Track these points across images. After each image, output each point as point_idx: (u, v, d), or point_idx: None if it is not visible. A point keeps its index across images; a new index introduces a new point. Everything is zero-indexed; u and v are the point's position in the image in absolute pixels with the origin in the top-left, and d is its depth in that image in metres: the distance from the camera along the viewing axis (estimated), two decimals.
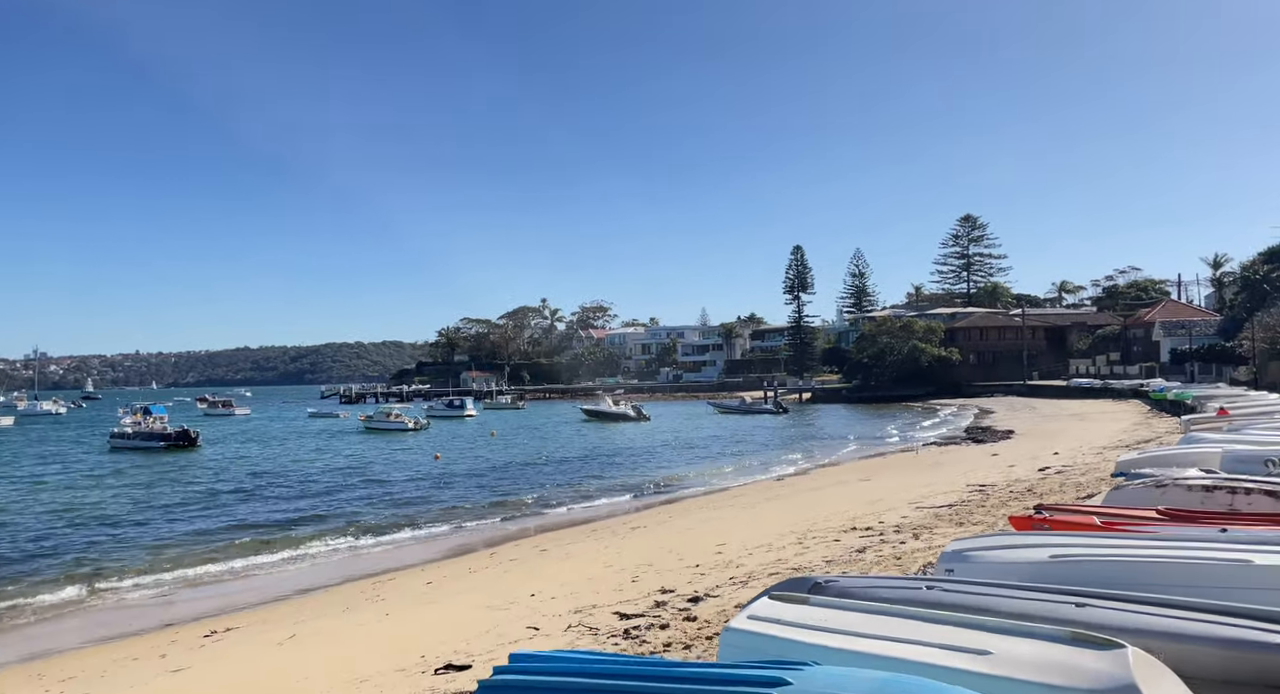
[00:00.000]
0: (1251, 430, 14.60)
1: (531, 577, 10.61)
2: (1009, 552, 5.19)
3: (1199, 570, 4.60)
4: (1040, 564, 4.96)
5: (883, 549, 9.77)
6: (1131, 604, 4.15)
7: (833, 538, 11.32)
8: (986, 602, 4.36)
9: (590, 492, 21.83)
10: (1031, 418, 48.43)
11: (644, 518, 16.68)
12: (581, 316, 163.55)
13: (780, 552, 10.69)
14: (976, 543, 5.47)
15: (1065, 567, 4.89)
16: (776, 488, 21.67)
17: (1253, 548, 4.84)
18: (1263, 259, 60.55)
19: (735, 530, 13.32)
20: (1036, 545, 5.22)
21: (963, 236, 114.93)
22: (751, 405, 72.58)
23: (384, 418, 58.81)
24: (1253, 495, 7.80)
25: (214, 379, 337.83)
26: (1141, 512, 7.55)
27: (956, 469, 22.24)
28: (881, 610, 3.90)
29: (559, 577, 10.39)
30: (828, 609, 3.92)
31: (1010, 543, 5.33)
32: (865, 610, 3.90)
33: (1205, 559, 4.67)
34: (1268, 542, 4.96)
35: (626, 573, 10.15)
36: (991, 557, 5.16)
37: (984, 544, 5.39)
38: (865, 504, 16.02)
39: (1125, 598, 4.22)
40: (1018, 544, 5.29)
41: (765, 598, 4.10)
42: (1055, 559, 4.96)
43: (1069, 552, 5.01)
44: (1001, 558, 5.12)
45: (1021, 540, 5.35)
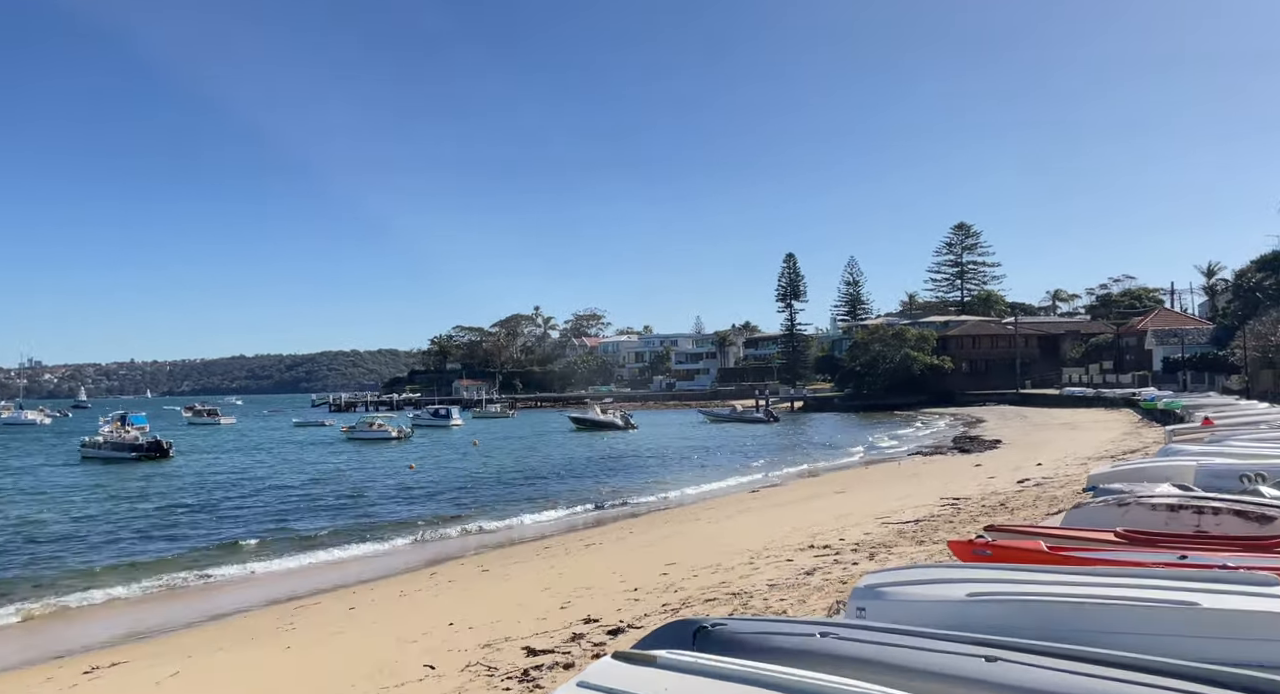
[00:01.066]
0: (1233, 442, 13.94)
1: (461, 601, 9.90)
2: (928, 588, 4.50)
3: (1137, 615, 3.92)
4: (958, 604, 4.28)
5: (832, 572, 9.08)
6: (1051, 659, 3.47)
7: (786, 557, 10.63)
8: (885, 653, 3.67)
9: (556, 504, 21.09)
10: (1021, 427, 47.78)
11: (602, 533, 15.97)
12: (575, 324, 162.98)
13: (728, 573, 10.00)
14: (895, 576, 4.79)
15: (985, 608, 4.20)
16: (748, 500, 20.96)
17: (1205, 586, 4.17)
18: (1256, 267, 60.11)
19: (690, 548, 12.62)
20: (957, 581, 4.53)
21: (956, 245, 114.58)
22: (742, 414, 71.86)
23: (366, 428, 58.03)
24: (1221, 516, 7.13)
25: (209, 387, 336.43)
26: (1098, 534, 6.87)
27: (935, 481, 21.55)
28: (749, 676, 3.21)
29: (490, 601, 9.69)
30: (679, 675, 3.23)
31: (930, 577, 4.65)
32: (727, 675, 3.21)
33: (1146, 601, 3.99)
34: (1223, 580, 4.27)
35: (560, 597, 9.45)
36: (908, 593, 4.48)
37: (902, 578, 4.70)
38: (833, 518, 15.33)
39: (1045, 650, 3.54)
40: (938, 579, 4.60)
41: (608, 660, 3.41)
42: (974, 598, 4.28)
43: (992, 589, 4.33)
44: (918, 595, 4.44)
45: (942, 574, 4.67)
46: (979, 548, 6.15)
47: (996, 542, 6.17)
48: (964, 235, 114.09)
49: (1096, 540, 6.78)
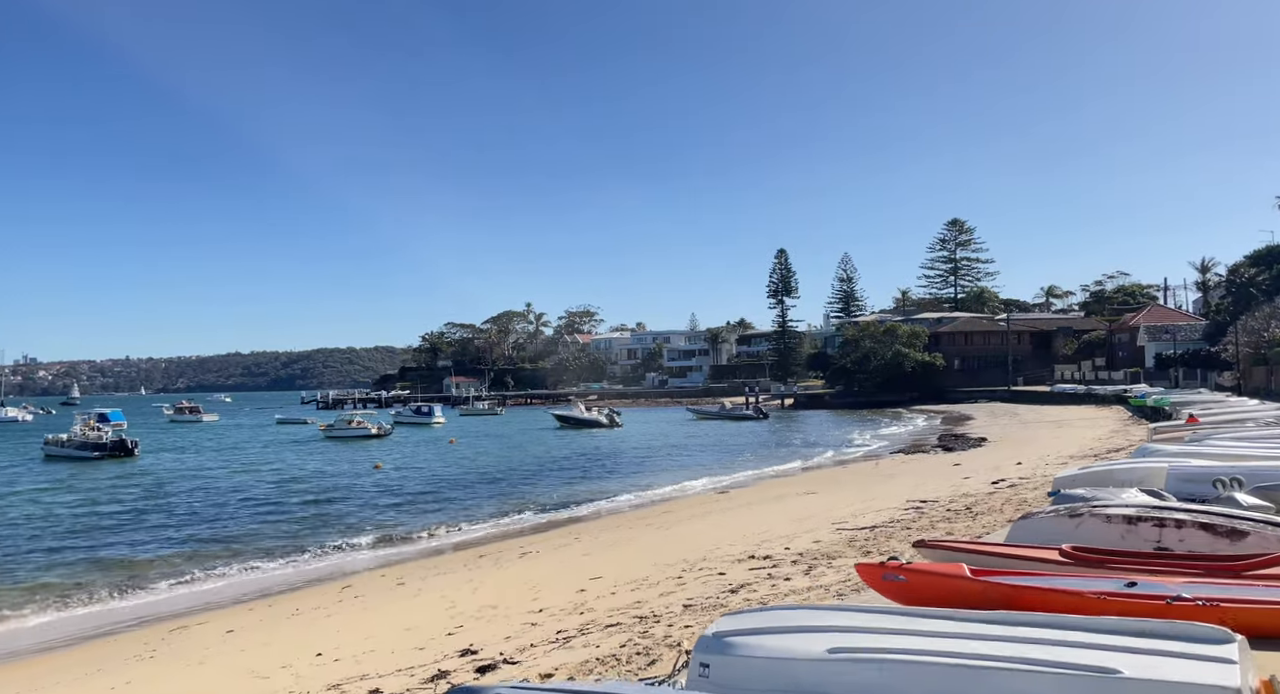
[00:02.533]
0: (1214, 441, 12.97)
1: (351, 623, 8.91)
2: (785, 639, 3.50)
3: (1034, 686, 2.92)
4: (816, 664, 3.28)
5: (759, 589, 8.09)
6: None
7: (720, 570, 9.63)
8: None
9: (509, 508, 20.01)
10: (1009, 425, 46.87)
11: (546, 540, 14.96)
12: (568, 321, 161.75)
13: (650, 589, 9.00)
14: (750, 621, 3.78)
15: (847, 669, 3.21)
16: (712, 502, 19.97)
17: (1134, 643, 3.16)
18: (1249, 262, 59.19)
19: (627, 558, 11.65)
20: (821, 629, 3.53)
21: (950, 241, 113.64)
22: (730, 411, 70.93)
23: (345, 425, 56.97)
24: (1185, 530, 6.14)
25: (205, 385, 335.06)
26: (1039, 553, 5.88)
27: (909, 481, 20.58)
28: None
29: (381, 623, 8.70)
30: None
31: (791, 623, 3.64)
32: None
33: (1050, 664, 2.98)
34: (1161, 635, 3.23)
35: (459, 618, 8.46)
36: (761, 647, 3.48)
37: (758, 625, 3.70)
38: (790, 522, 14.36)
39: None
40: (799, 626, 3.60)
41: None
42: (835, 655, 3.28)
43: (857, 643, 3.32)
44: (772, 650, 3.44)
45: (805, 620, 3.66)
46: (890, 573, 5.16)
47: (911, 565, 5.18)
48: (957, 231, 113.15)
49: (1035, 560, 5.79)
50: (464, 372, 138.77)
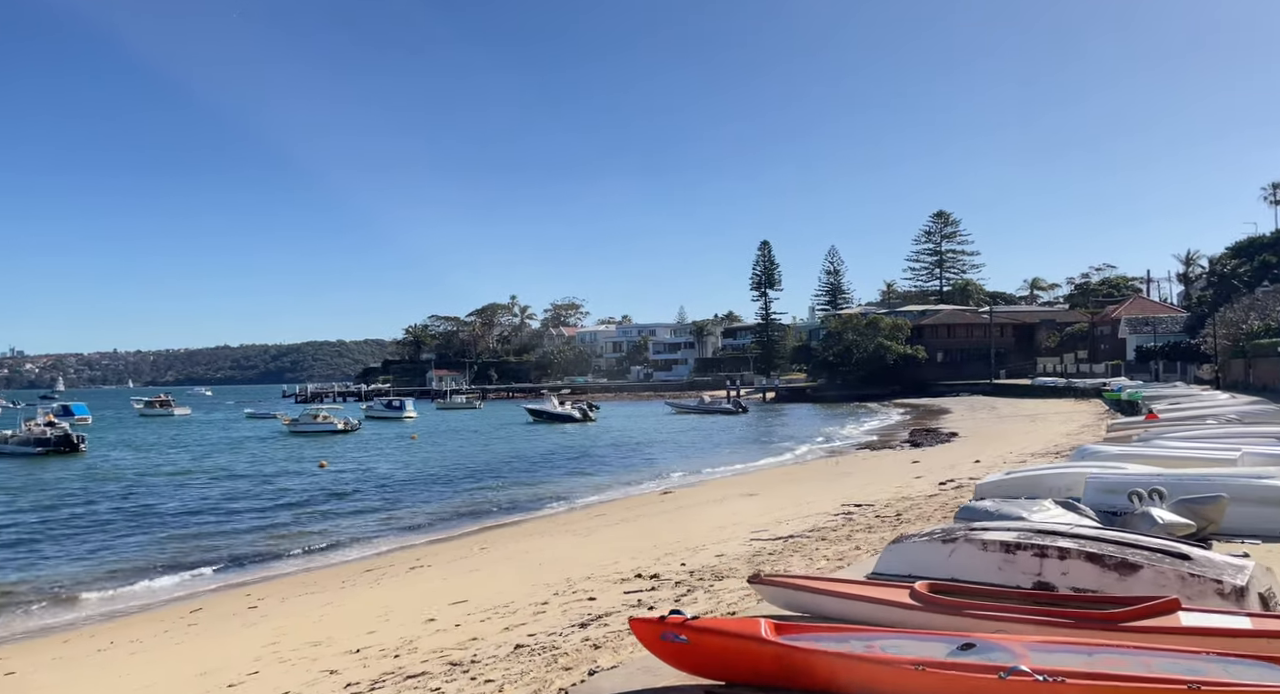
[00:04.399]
0: (1161, 442, 11.93)
1: (152, 661, 7.77)
2: None
3: None
4: None
5: (612, 621, 6.97)
6: None
7: (592, 595, 8.50)
8: None
9: (432, 513, 18.71)
10: (986, 419, 45.95)
11: (447, 550, 13.83)
12: (554, 314, 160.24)
13: (501, 620, 7.88)
14: None
15: None
16: (647, 505, 18.90)
17: None
18: (1231, 253, 58.41)
19: (514, 574, 10.56)
20: None
21: (935, 233, 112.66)
22: (709, 405, 69.85)
23: (311, 420, 55.64)
24: (1068, 561, 5.04)
25: (193, 378, 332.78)
26: (888, 593, 4.77)
27: (859, 481, 19.54)
28: None
29: (180, 663, 7.56)
30: None
31: None
32: None
33: None
34: None
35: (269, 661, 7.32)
36: None
37: None
38: (710, 530, 13.27)
39: None
40: None
41: None
42: None
43: None
44: None
45: None
46: (669, 631, 4.04)
47: (696, 622, 4.04)
48: (943, 224, 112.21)
49: (881, 603, 4.68)
50: (447, 365, 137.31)
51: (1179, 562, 4.78)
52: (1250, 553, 6.57)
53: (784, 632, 3.92)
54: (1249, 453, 10.49)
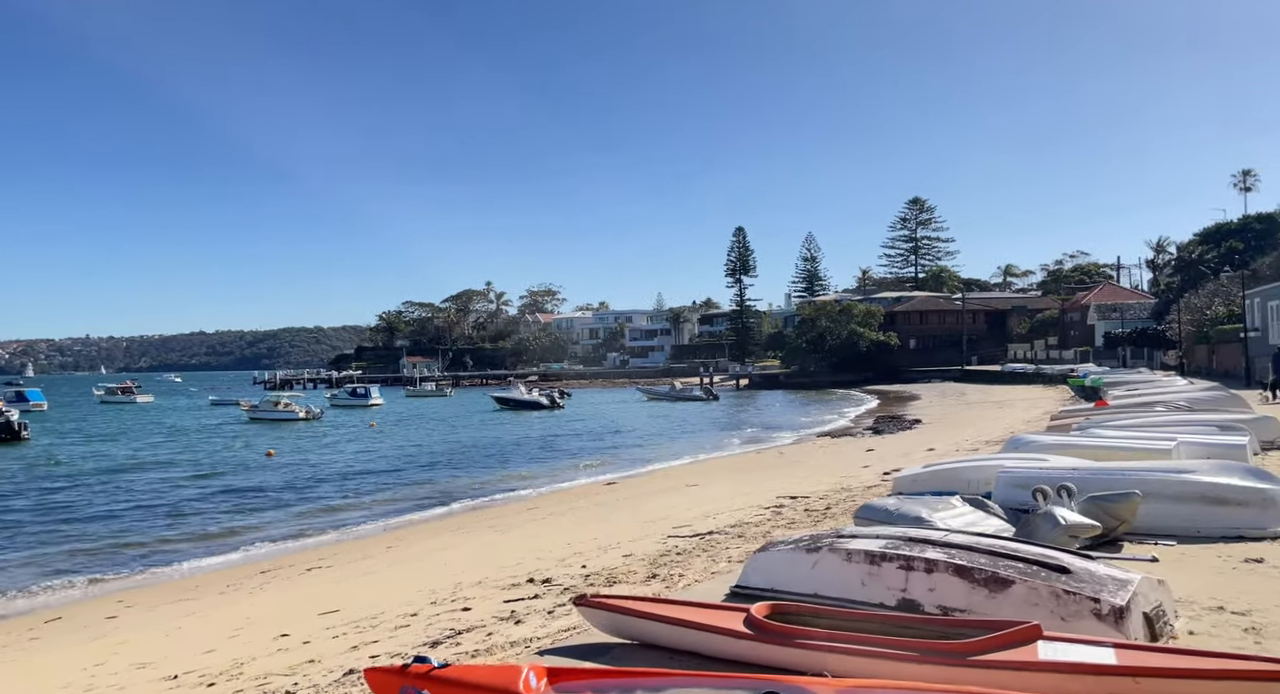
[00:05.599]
0: (1099, 430, 11.39)
1: None
2: None
3: None
4: None
5: (465, 641, 6.27)
6: None
7: (466, 605, 7.77)
8: None
9: (349, 511, 17.73)
10: (953, 406, 45.76)
11: (351, 550, 13.03)
12: (530, 300, 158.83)
13: (361, 634, 7.14)
14: None
15: None
16: (586, 497, 18.24)
17: None
18: (1199, 240, 58.51)
19: (399, 580, 9.84)
20: None
21: (911, 220, 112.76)
22: (680, 392, 69.35)
23: (271, 407, 54.47)
24: (936, 574, 4.40)
25: (168, 364, 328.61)
26: (722, 619, 4.10)
27: (806, 470, 18.99)
28: None
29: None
30: None
31: None
32: None
33: None
34: None
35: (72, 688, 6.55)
36: None
37: None
38: (636, 525, 12.62)
39: None
40: None
41: None
42: None
43: None
44: None
45: None
46: (410, 684, 3.32)
47: (443, 672, 3.32)
48: (919, 210, 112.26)
49: (713, 631, 4.01)
50: (421, 351, 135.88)
51: (1055, 576, 4.16)
52: (1162, 555, 5.99)
53: (557, 680, 3.23)
54: (1185, 443, 9.98)
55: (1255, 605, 4.63)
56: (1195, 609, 4.62)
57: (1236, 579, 5.26)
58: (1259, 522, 6.35)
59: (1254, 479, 6.59)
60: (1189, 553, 6.00)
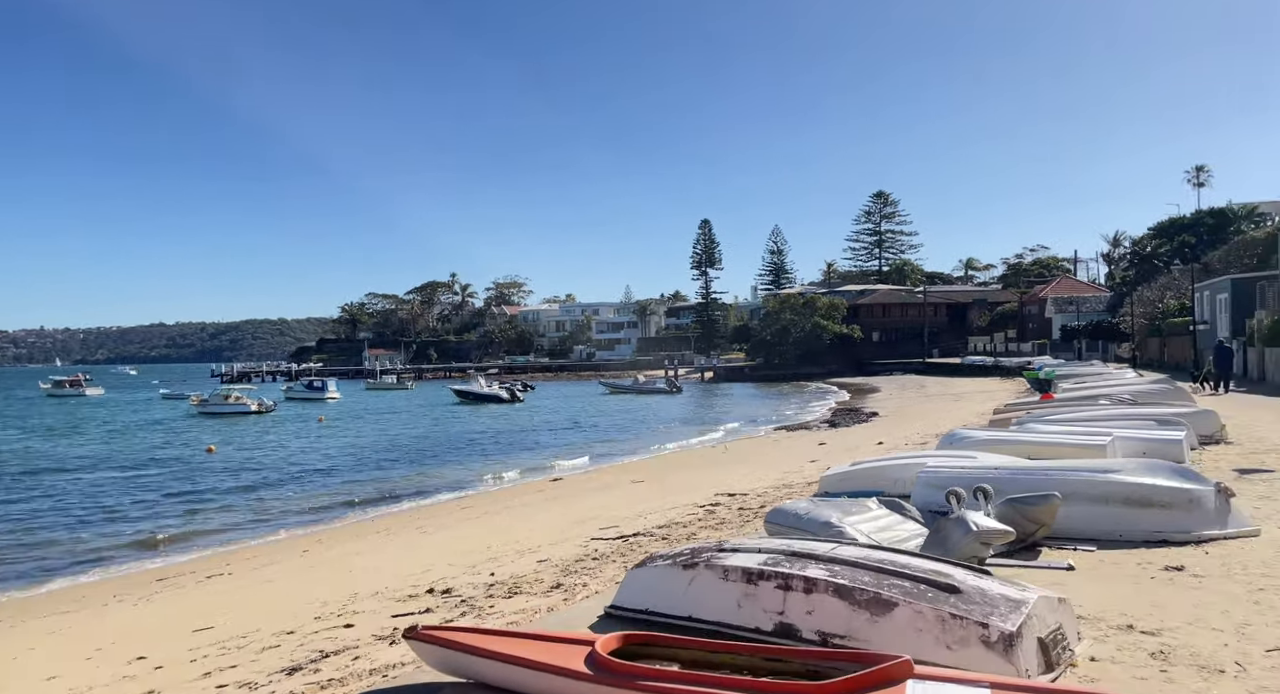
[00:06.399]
0: (1037, 425, 11.11)
1: None
2: None
3: None
4: None
5: (323, 668, 5.66)
6: None
7: (349, 622, 7.16)
8: None
9: (276, 513, 16.84)
10: (912, 398, 45.87)
11: (260, 555, 12.28)
12: (497, 292, 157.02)
13: (225, 656, 6.51)
14: None
15: None
16: (527, 494, 17.68)
17: None
18: (1153, 234, 59.38)
19: (294, 592, 9.16)
20: None
21: (875, 213, 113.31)
22: (643, 385, 68.95)
23: (222, 400, 53.00)
24: (815, 595, 3.92)
25: (126, 356, 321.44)
26: (562, 657, 3.57)
27: (753, 465, 18.62)
28: None
29: None
30: None
31: None
32: None
33: None
34: None
35: None
36: None
37: None
38: (567, 525, 12.10)
39: None
40: None
41: None
42: None
43: None
44: None
45: None
46: None
47: None
48: (882, 204, 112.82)
49: (551, 671, 3.49)
50: (384, 344, 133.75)
51: (943, 597, 3.70)
52: (1079, 562, 5.60)
53: None
54: (1121, 438, 9.70)
55: (1167, 623, 4.23)
56: (1103, 628, 4.20)
57: (1153, 590, 4.87)
58: (1183, 525, 5.99)
59: (1179, 479, 6.24)
60: (1108, 559, 5.62)
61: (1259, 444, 11.76)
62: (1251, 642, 3.92)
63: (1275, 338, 25.94)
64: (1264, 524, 6.53)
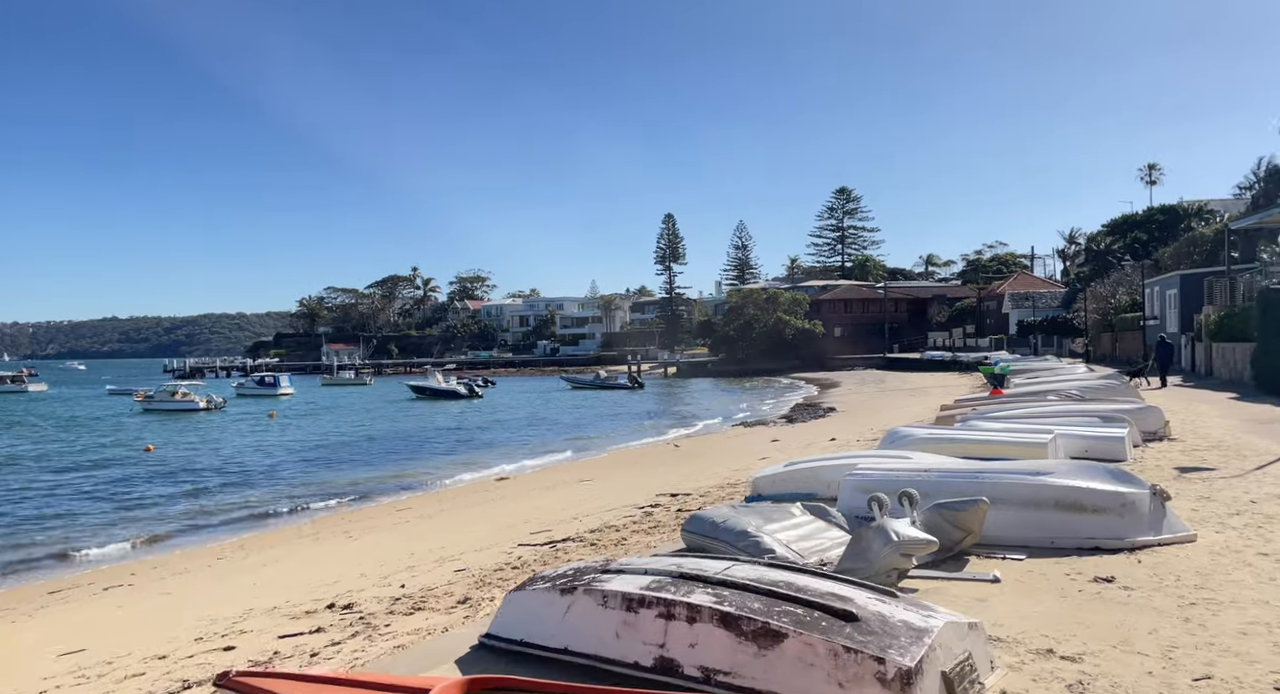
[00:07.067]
0: (980, 423, 10.85)
1: None
2: None
3: None
4: None
5: None
6: None
7: (231, 644, 6.58)
8: None
9: (199, 516, 16.05)
10: (870, 393, 46.01)
11: (168, 564, 11.55)
12: (460, 286, 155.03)
13: (80, 687, 5.95)
14: None
15: None
16: (465, 496, 17.13)
17: None
18: (1106, 231, 60.35)
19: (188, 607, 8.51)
20: None
21: (838, 209, 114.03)
22: (604, 380, 68.46)
23: (168, 397, 51.31)
24: (699, 625, 3.46)
25: (78, 351, 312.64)
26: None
27: (704, 462, 18.25)
28: None
29: None
30: None
31: None
32: None
33: None
34: None
35: None
36: None
37: None
38: (497, 528, 11.60)
39: None
40: None
41: None
42: None
43: None
44: None
45: None
46: None
47: None
48: (845, 200, 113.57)
49: None
50: (344, 339, 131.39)
51: (838, 626, 3.27)
52: (1007, 573, 5.24)
53: None
54: (1063, 435, 9.47)
55: (1090, 646, 3.86)
56: (1020, 653, 3.82)
57: (1080, 605, 4.52)
58: (1116, 531, 5.68)
59: (1113, 482, 5.92)
60: (1036, 570, 5.27)
61: (1201, 440, 11.65)
62: (1177, 669, 3.56)
63: (1222, 333, 26.27)
64: (1201, 527, 6.26)
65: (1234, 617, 4.21)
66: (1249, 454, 10.10)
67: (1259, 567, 5.12)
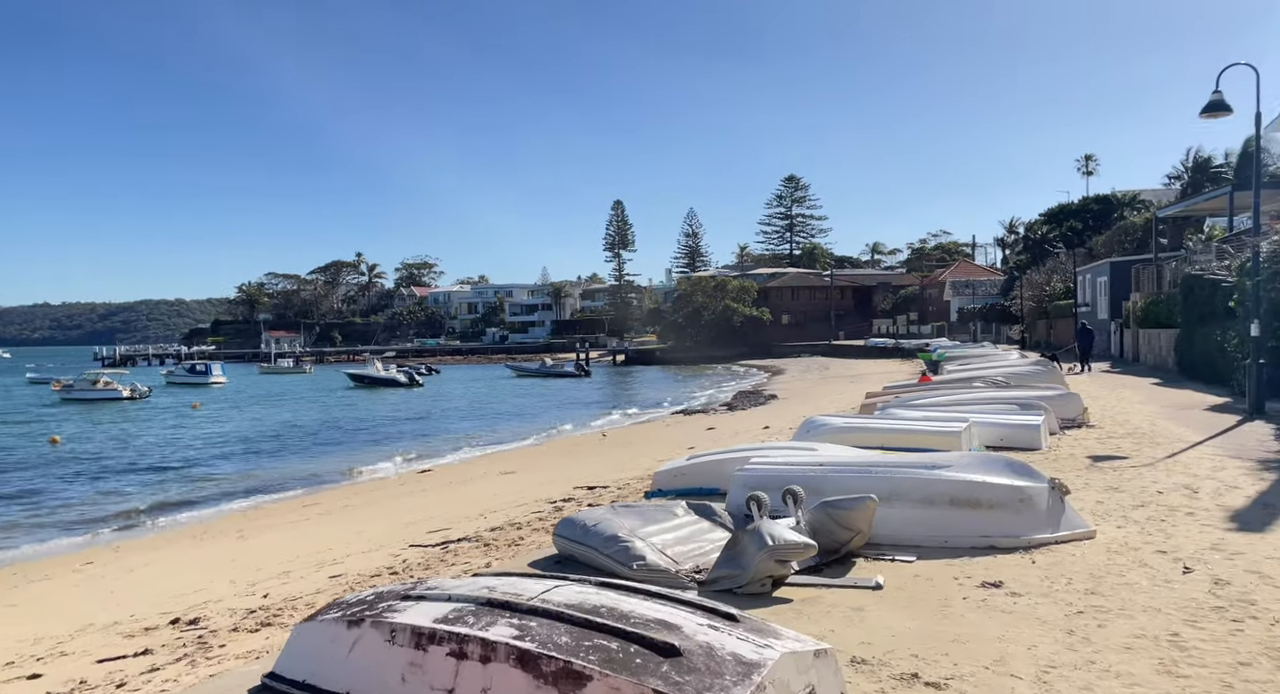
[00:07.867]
0: (897, 411, 10.53)
1: None
2: None
3: None
4: None
5: None
6: None
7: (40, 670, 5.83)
8: None
9: (95, 511, 15.07)
10: (813, 380, 46.18)
11: (23, 572, 10.68)
12: (406, 273, 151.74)
13: None
14: None
15: None
16: (382, 489, 16.35)
17: None
18: (1044, 220, 61.51)
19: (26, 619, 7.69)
20: None
21: (786, 197, 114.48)
22: (550, 368, 67.63)
23: (88, 385, 48.89)
24: (494, 665, 2.90)
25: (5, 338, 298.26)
26: None
27: (634, 452, 17.78)
28: None
29: None
30: None
31: None
32: None
33: None
34: None
35: None
36: None
37: None
38: (398, 527, 10.92)
39: None
40: None
41: None
42: None
43: None
44: None
45: None
46: None
47: None
48: (794, 188, 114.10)
49: None
50: (285, 326, 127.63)
51: (655, 662, 2.75)
52: (893, 577, 4.80)
53: None
54: (977, 424, 9.18)
55: (960, 668, 3.42)
56: (883, 678, 3.36)
57: (961, 616, 4.10)
58: (1012, 528, 5.30)
59: (1011, 475, 5.55)
60: (924, 574, 4.84)
61: (1119, 427, 11.54)
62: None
63: (1148, 319, 26.75)
64: (1104, 522, 5.94)
65: (1121, 628, 3.82)
66: (1162, 442, 9.97)
67: (1154, 566, 4.78)
